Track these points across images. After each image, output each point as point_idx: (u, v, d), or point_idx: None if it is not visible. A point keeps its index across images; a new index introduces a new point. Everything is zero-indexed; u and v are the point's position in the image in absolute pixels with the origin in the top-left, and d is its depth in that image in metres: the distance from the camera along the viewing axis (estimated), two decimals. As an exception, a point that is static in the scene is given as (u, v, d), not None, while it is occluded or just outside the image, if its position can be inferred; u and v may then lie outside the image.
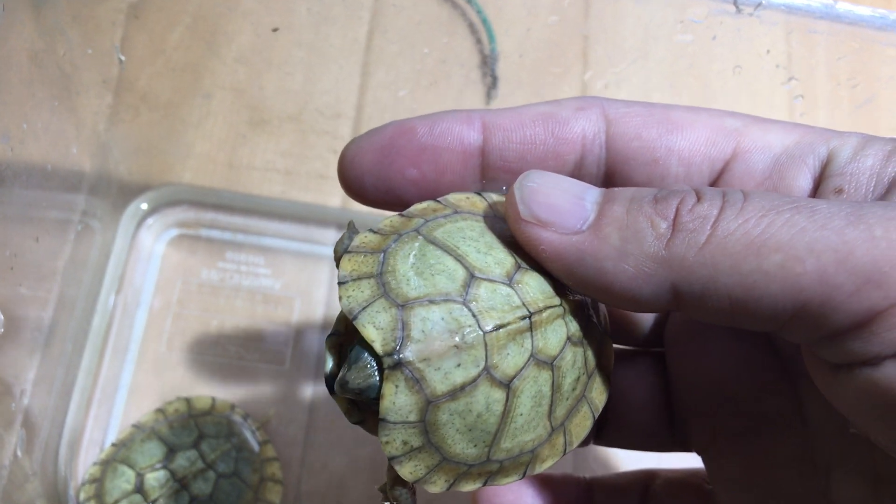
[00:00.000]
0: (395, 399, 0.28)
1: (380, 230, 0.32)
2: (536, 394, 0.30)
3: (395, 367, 0.28)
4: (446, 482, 0.31)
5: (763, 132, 0.32)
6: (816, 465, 0.33)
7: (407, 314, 0.29)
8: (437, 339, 0.28)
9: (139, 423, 0.55)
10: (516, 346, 0.29)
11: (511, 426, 0.30)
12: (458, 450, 0.30)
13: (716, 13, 0.48)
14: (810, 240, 0.25)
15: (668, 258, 0.27)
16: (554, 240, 0.29)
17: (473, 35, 0.63)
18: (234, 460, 0.54)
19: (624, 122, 0.33)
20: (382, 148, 0.34)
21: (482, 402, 0.29)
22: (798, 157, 0.31)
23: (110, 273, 0.59)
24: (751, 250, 0.25)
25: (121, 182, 0.60)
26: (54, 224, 0.52)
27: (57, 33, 0.48)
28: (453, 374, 0.29)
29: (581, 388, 0.33)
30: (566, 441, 0.33)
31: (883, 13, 0.47)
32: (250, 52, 0.59)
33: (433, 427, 0.29)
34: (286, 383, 0.58)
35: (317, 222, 0.62)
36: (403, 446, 0.30)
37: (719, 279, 0.26)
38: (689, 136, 0.33)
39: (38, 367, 0.50)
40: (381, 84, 0.62)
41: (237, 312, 0.59)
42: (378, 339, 0.28)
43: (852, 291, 0.24)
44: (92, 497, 0.52)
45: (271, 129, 0.61)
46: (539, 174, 0.30)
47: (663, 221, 0.27)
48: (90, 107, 0.55)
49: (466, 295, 0.29)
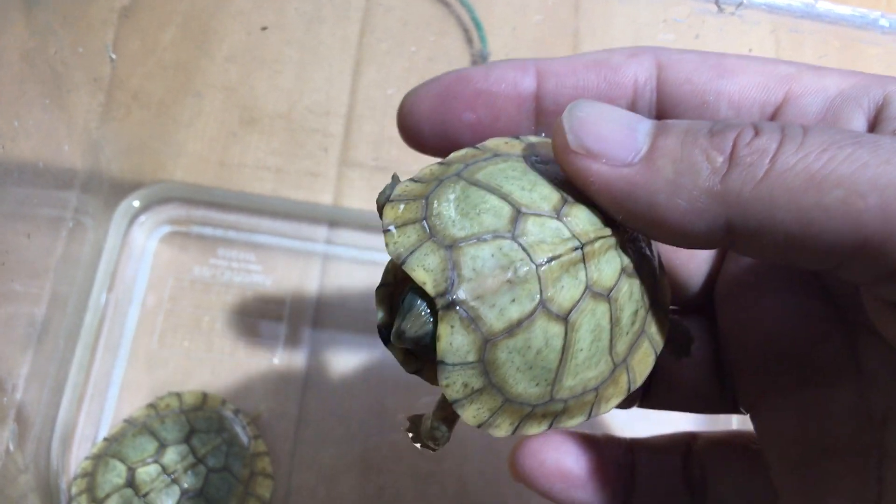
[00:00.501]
0: (452, 340, 0.28)
1: (420, 178, 0.32)
2: (595, 328, 0.30)
3: (449, 307, 0.28)
4: (511, 425, 0.30)
5: (818, 77, 0.32)
6: (871, 416, 0.32)
7: (456, 254, 0.28)
8: (489, 275, 0.28)
9: (131, 418, 0.56)
10: (570, 279, 0.29)
11: (572, 363, 0.30)
12: (520, 389, 0.29)
13: (698, 12, 0.48)
14: (873, 175, 0.24)
15: (724, 192, 0.26)
16: (604, 172, 0.28)
17: (463, 34, 0.63)
18: (224, 455, 0.54)
19: (675, 67, 0.33)
20: (439, 94, 0.34)
21: (541, 337, 0.28)
22: (853, 100, 0.31)
23: (102, 270, 0.59)
24: (811, 185, 0.24)
25: (112, 180, 0.61)
26: (46, 221, 0.52)
27: (48, 32, 0.48)
28: (509, 309, 0.28)
29: (640, 322, 0.32)
30: (630, 378, 0.32)
31: (863, 12, 0.48)
32: (241, 51, 0.60)
33: (493, 366, 0.29)
34: (277, 378, 0.58)
35: (307, 219, 0.63)
36: (464, 388, 0.29)
37: (777, 215, 0.25)
38: (739, 81, 0.32)
39: (31, 362, 0.51)
40: (372, 82, 0.63)
41: (228, 309, 0.60)
42: (429, 280, 0.28)
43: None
44: (84, 491, 0.52)
45: (262, 128, 0.62)
46: (589, 103, 0.29)
47: (720, 155, 0.26)
48: (82, 105, 0.55)
49: (515, 230, 0.29)
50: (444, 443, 0.33)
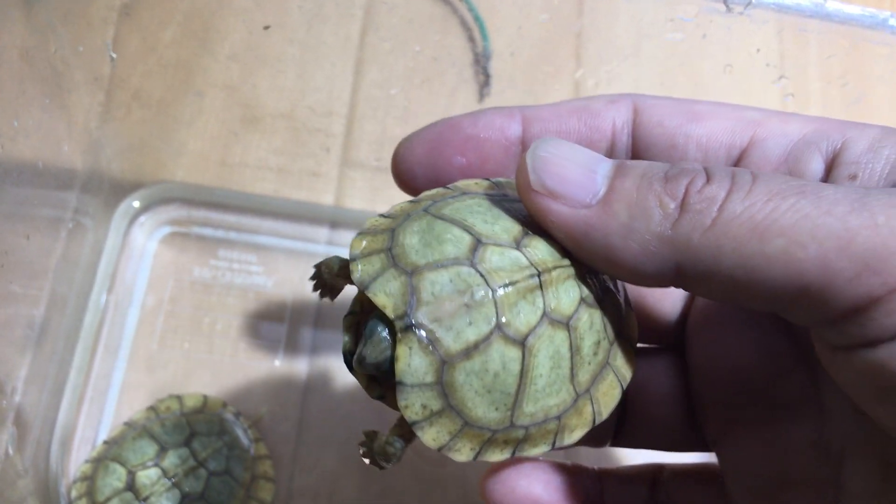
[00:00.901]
0: (411, 361, 0.29)
1: (389, 214, 0.33)
2: (554, 354, 0.30)
3: (408, 329, 0.29)
4: (472, 450, 0.31)
5: (782, 122, 0.33)
6: (830, 452, 0.33)
7: (416, 279, 0.29)
8: (446, 299, 0.29)
9: (131, 421, 0.55)
10: (528, 305, 0.30)
11: (531, 388, 0.30)
12: (479, 413, 0.30)
13: (706, 11, 0.48)
14: (813, 226, 0.25)
15: (674, 238, 0.27)
16: (563, 212, 0.29)
17: (466, 33, 0.63)
18: (225, 458, 0.54)
19: (650, 112, 0.35)
20: (431, 141, 0.36)
21: (497, 360, 0.29)
22: (813, 144, 0.32)
23: (102, 271, 0.59)
24: (755, 234, 0.26)
25: (113, 180, 0.60)
26: (46, 222, 0.52)
27: (48, 31, 0.48)
28: (465, 332, 0.29)
29: (603, 354, 0.33)
30: (595, 410, 0.33)
31: (873, 12, 0.48)
32: (243, 49, 0.59)
33: (451, 388, 0.29)
34: (278, 381, 0.58)
35: (309, 220, 0.63)
36: (423, 410, 0.30)
37: (722, 261, 0.26)
38: (708, 125, 0.34)
39: (30, 364, 0.50)
40: (374, 82, 0.63)
41: (229, 310, 0.59)
42: (389, 304, 0.29)
43: (851, 277, 0.25)
44: (83, 495, 0.52)
45: (264, 127, 0.62)
46: (553, 142, 0.30)
47: (672, 201, 0.27)
48: (82, 104, 0.55)
49: (474, 258, 0.30)
50: (395, 461, 0.33)
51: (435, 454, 0.44)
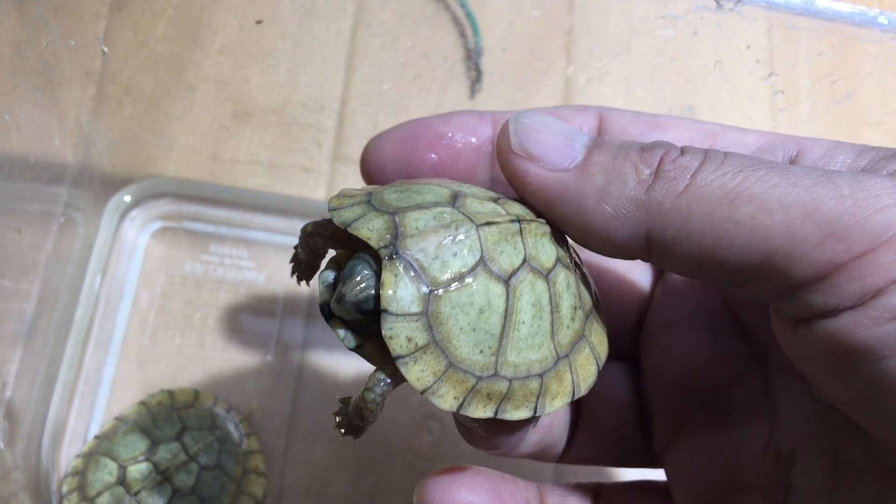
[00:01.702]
0: (396, 289, 0.28)
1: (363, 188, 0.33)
2: (536, 302, 0.30)
3: (393, 257, 0.28)
4: (455, 399, 0.30)
5: (740, 135, 0.34)
6: (781, 455, 0.34)
7: (400, 217, 0.29)
8: (431, 232, 0.29)
9: (122, 416, 0.55)
10: (509, 246, 0.30)
11: (515, 335, 0.30)
12: (464, 353, 0.29)
13: (696, 9, 0.48)
14: (781, 194, 0.26)
15: (647, 202, 0.28)
16: (540, 174, 0.30)
17: (457, 29, 0.63)
18: (216, 453, 0.54)
19: (614, 121, 0.36)
20: (403, 138, 0.37)
21: (483, 294, 0.29)
22: (769, 152, 0.33)
23: (93, 265, 0.58)
24: (725, 200, 0.27)
25: (104, 174, 0.60)
26: (37, 216, 0.52)
27: (40, 24, 0.48)
28: (451, 262, 0.29)
29: (580, 323, 0.33)
30: (574, 381, 0.33)
31: (862, 9, 0.48)
32: (234, 44, 0.59)
33: (436, 320, 0.29)
34: (269, 376, 0.58)
35: (300, 215, 0.63)
36: (408, 343, 0.29)
37: (692, 226, 0.27)
38: (668, 134, 0.35)
39: (21, 359, 0.50)
40: (365, 77, 0.63)
41: (220, 305, 0.59)
42: (373, 236, 0.29)
43: (816, 243, 0.26)
44: (74, 489, 0.52)
45: (255, 122, 0.61)
46: (535, 112, 0.32)
47: (647, 168, 0.29)
48: (73, 99, 0.55)
49: (454, 203, 0.30)
50: (371, 417, 0.32)
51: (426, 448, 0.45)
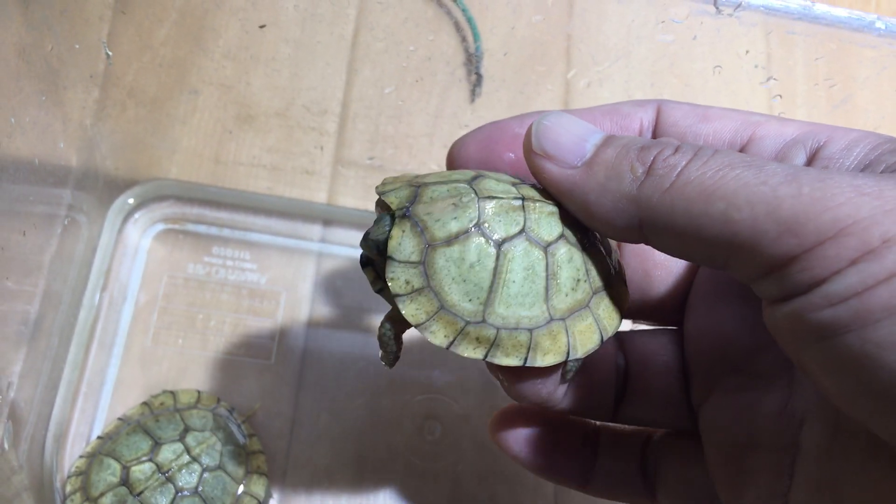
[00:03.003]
0: (402, 241, 0.34)
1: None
2: (529, 267, 0.34)
3: (403, 217, 0.34)
4: (446, 337, 0.35)
5: (780, 125, 0.37)
6: (793, 420, 0.37)
7: (422, 190, 0.35)
8: (439, 200, 0.34)
9: (125, 417, 0.55)
10: (508, 218, 0.34)
11: (504, 290, 0.34)
12: (454, 299, 0.34)
13: (696, 14, 0.49)
14: (749, 192, 0.29)
15: (638, 197, 0.32)
16: (554, 171, 0.34)
17: (458, 33, 0.63)
18: (219, 454, 0.54)
19: (669, 113, 0.39)
20: (483, 140, 0.41)
21: (474, 252, 0.34)
22: (800, 142, 0.36)
23: (96, 267, 0.59)
24: (702, 197, 0.30)
25: (107, 177, 0.60)
26: (41, 218, 0.52)
27: (45, 28, 0.48)
28: (449, 224, 0.34)
29: (584, 294, 0.36)
30: (570, 343, 0.36)
31: (860, 14, 0.48)
32: (237, 48, 0.59)
33: (431, 269, 0.34)
34: (272, 377, 0.58)
35: (302, 218, 0.63)
36: (406, 285, 0.34)
37: (675, 219, 0.31)
38: (715, 125, 0.38)
39: (25, 360, 0.51)
40: (367, 81, 0.63)
41: (223, 307, 0.60)
42: (395, 201, 0.35)
43: (775, 238, 0.28)
44: (78, 490, 0.52)
45: (258, 125, 0.62)
46: (556, 114, 0.36)
47: (641, 167, 0.32)
48: (77, 102, 0.55)
49: (472, 181, 0.35)
50: (390, 350, 0.38)
51: (427, 449, 0.45)
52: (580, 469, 0.45)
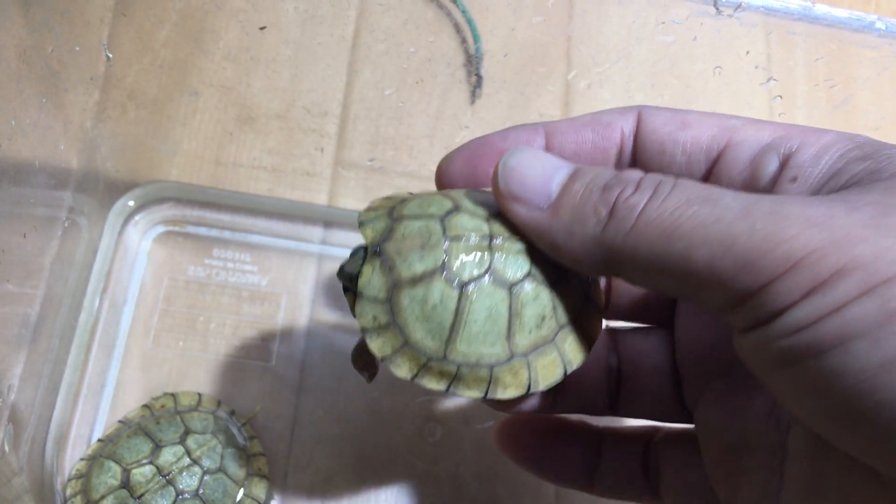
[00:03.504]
0: (371, 278, 0.36)
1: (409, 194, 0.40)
2: (491, 307, 0.35)
3: (375, 254, 0.36)
4: (410, 370, 0.37)
5: (757, 129, 0.37)
6: (781, 422, 0.38)
7: (396, 224, 0.36)
8: (409, 238, 0.35)
9: (126, 419, 0.55)
10: (474, 259, 0.35)
11: (465, 330, 0.36)
12: (418, 337, 0.36)
13: (696, 15, 0.49)
14: (705, 232, 0.30)
15: (602, 240, 0.33)
16: (522, 213, 0.35)
17: (459, 35, 0.63)
18: (220, 456, 0.54)
19: (649, 120, 0.39)
20: (467, 157, 0.41)
21: (437, 294, 0.35)
22: (774, 148, 0.36)
23: (97, 270, 0.59)
24: (662, 238, 0.31)
25: (108, 179, 0.60)
26: (42, 221, 0.52)
27: (45, 30, 0.48)
28: (415, 265, 0.35)
29: (549, 330, 0.37)
30: (531, 377, 0.37)
31: (860, 15, 0.49)
32: (238, 49, 0.59)
33: (397, 308, 0.36)
34: (272, 379, 0.58)
35: (303, 219, 0.63)
36: (374, 321, 0.36)
37: (638, 259, 0.32)
38: (694, 132, 0.38)
39: (25, 362, 0.51)
40: (368, 82, 0.63)
41: (224, 309, 0.60)
42: (370, 236, 0.36)
43: (733, 275, 0.29)
44: (78, 492, 0.52)
45: (258, 127, 0.62)
46: (521, 152, 0.36)
47: (604, 209, 0.33)
48: (78, 104, 0.55)
49: (445, 217, 0.36)
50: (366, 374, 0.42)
51: (428, 451, 0.45)
52: (585, 471, 0.46)
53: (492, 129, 0.61)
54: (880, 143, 0.34)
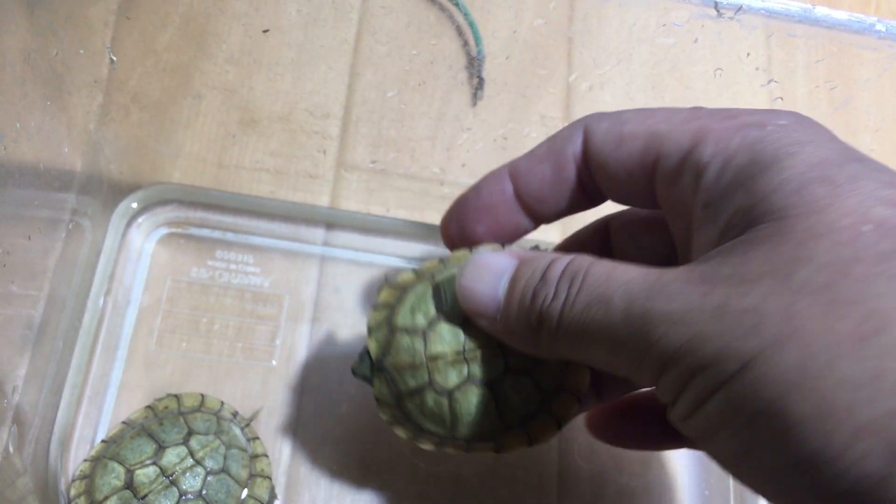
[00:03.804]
0: (381, 390, 0.45)
1: (399, 284, 0.47)
2: (479, 402, 0.43)
3: (379, 370, 0.45)
4: (433, 445, 0.46)
5: (679, 134, 0.38)
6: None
7: (392, 336, 0.44)
8: (401, 354, 0.43)
9: (129, 420, 0.55)
10: (454, 371, 0.43)
11: (462, 420, 0.43)
12: (428, 426, 0.45)
13: (697, 17, 0.49)
14: (602, 336, 0.35)
15: (539, 343, 0.38)
16: (484, 324, 0.41)
17: (460, 37, 0.64)
18: (222, 457, 0.54)
19: (592, 142, 0.41)
20: (455, 218, 0.47)
21: (431, 402, 0.43)
22: (690, 165, 0.37)
23: (101, 271, 0.59)
24: (576, 339, 0.36)
25: (111, 181, 0.61)
26: (46, 223, 0.52)
27: (49, 33, 0.48)
28: (409, 381, 0.43)
29: (535, 404, 0.44)
30: (529, 436, 0.44)
31: (860, 17, 0.49)
32: (240, 52, 0.60)
33: (405, 410, 0.45)
34: (275, 380, 0.59)
35: (305, 221, 0.63)
36: (393, 418, 0.46)
37: (566, 354, 0.38)
38: (628, 148, 0.40)
39: (29, 364, 0.51)
40: (370, 84, 0.63)
41: (226, 310, 0.60)
42: (374, 350, 0.45)
43: (633, 371, 0.34)
44: (82, 493, 0.52)
45: (261, 129, 0.62)
46: (469, 268, 0.41)
47: (535, 318, 0.38)
48: (81, 106, 0.55)
49: (428, 329, 0.43)
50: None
51: (429, 453, 0.46)
52: (656, 438, 0.51)
53: (493, 131, 0.61)
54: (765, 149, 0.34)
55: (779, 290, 0.29)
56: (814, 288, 0.29)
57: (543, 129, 0.63)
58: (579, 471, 0.56)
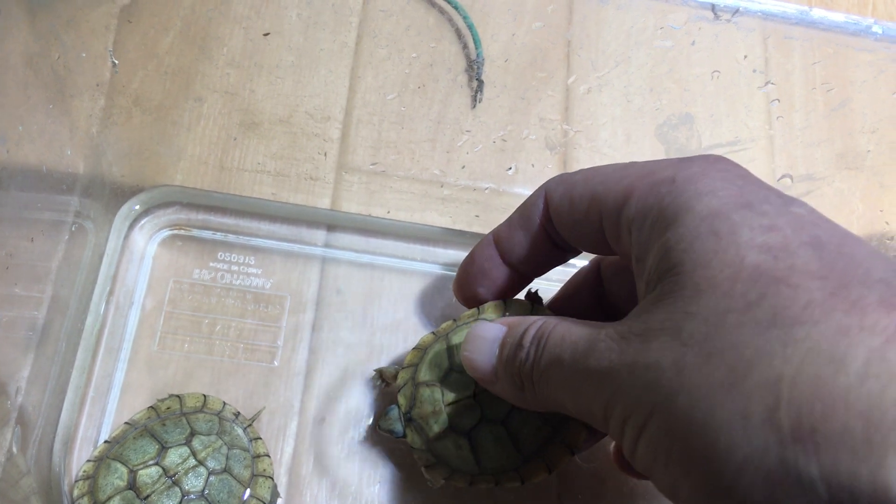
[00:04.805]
0: (414, 438, 0.51)
1: (420, 346, 0.54)
2: (495, 439, 0.49)
3: (409, 421, 0.51)
4: (465, 482, 0.51)
5: (616, 195, 0.41)
6: None
7: (417, 390, 0.51)
8: (425, 405, 0.50)
9: (132, 421, 0.56)
10: (469, 411, 0.49)
11: (485, 457, 0.49)
12: (457, 464, 0.50)
13: (695, 19, 0.49)
14: (559, 395, 0.40)
15: (525, 400, 0.44)
16: (488, 386, 0.46)
17: (460, 40, 0.64)
18: (225, 457, 0.54)
19: (551, 204, 0.46)
20: (461, 284, 0.53)
21: (453, 444, 0.49)
22: (623, 225, 0.40)
23: (103, 273, 0.59)
24: (547, 398, 0.41)
25: (113, 184, 0.61)
26: (48, 225, 0.53)
27: (52, 37, 0.49)
28: (433, 427, 0.50)
29: (547, 433, 0.49)
30: (548, 464, 0.50)
31: (856, 19, 0.49)
32: (241, 55, 0.60)
33: (436, 453, 0.50)
34: (276, 381, 0.59)
35: (307, 223, 0.63)
36: (426, 461, 0.51)
37: (547, 407, 0.43)
38: (577, 210, 0.44)
39: (33, 365, 0.51)
40: (370, 87, 0.63)
41: (228, 311, 0.60)
42: (403, 403, 0.52)
43: (588, 418, 0.39)
44: (86, 493, 0.53)
45: (262, 132, 0.62)
46: (470, 341, 0.46)
47: (517, 378, 0.43)
48: (84, 109, 0.55)
49: (443, 380, 0.50)
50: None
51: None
52: None
53: (493, 133, 0.62)
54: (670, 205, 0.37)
55: (671, 346, 0.33)
56: (696, 340, 0.32)
57: (542, 131, 0.63)
58: (579, 471, 0.57)
